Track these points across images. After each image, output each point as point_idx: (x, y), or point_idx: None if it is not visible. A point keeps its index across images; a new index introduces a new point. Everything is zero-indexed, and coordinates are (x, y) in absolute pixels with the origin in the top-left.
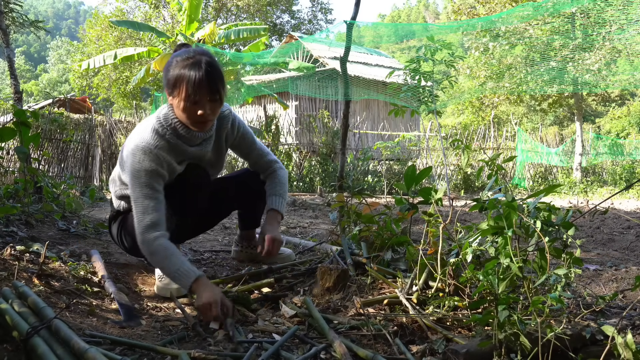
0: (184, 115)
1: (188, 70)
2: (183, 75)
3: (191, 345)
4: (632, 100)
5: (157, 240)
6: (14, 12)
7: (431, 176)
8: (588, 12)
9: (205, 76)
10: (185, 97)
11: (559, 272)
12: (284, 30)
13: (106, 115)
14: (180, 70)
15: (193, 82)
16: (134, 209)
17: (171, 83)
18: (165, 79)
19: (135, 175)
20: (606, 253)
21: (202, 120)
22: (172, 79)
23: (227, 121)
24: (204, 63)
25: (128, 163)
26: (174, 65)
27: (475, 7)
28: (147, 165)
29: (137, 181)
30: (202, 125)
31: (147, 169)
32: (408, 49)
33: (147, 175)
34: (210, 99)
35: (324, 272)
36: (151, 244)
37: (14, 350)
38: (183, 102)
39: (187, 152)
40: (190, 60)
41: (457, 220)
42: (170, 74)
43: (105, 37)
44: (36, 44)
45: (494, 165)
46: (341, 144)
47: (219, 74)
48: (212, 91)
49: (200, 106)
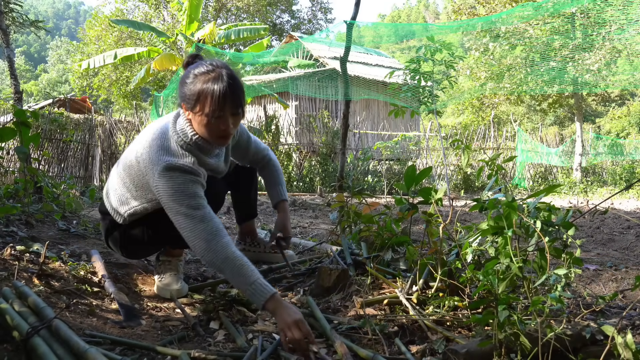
0: (204, 130)
1: (211, 84)
2: (206, 90)
3: (191, 345)
4: (632, 100)
5: (228, 247)
6: (14, 12)
7: (431, 176)
8: (588, 12)
9: (230, 91)
10: (209, 112)
11: (559, 272)
12: (284, 30)
13: (106, 115)
14: (202, 85)
15: (217, 98)
16: (184, 226)
17: (192, 98)
18: (183, 93)
19: (178, 193)
20: (606, 253)
21: (224, 135)
22: (193, 94)
23: None
24: (225, 77)
25: (164, 186)
26: (194, 80)
27: (475, 7)
28: (188, 185)
29: (180, 198)
30: (224, 140)
31: (188, 187)
32: (408, 49)
33: (193, 191)
34: (233, 114)
35: (324, 272)
36: (220, 253)
37: (14, 350)
38: (206, 118)
39: (207, 164)
40: (211, 74)
41: (457, 220)
42: (191, 88)
43: (105, 37)
44: (36, 44)
45: (494, 165)
46: (341, 144)
47: (240, 88)
48: (236, 105)
49: (224, 121)
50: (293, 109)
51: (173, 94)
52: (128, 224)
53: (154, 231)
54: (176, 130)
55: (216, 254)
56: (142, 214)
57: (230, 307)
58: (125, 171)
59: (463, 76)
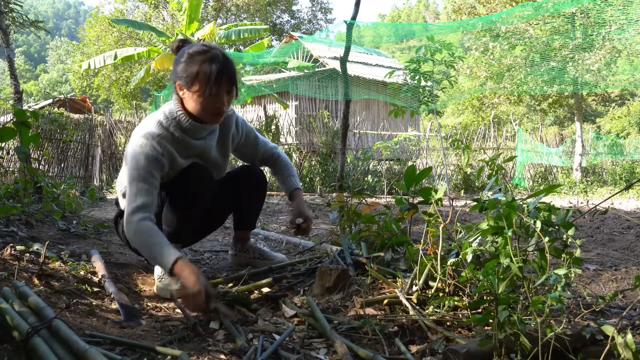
0: (199, 107)
1: (208, 64)
2: (202, 69)
3: (191, 345)
4: (632, 100)
5: (143, 221)
6: (14, 12)
7: (431, 176)
8: (588, 12)
9: (225, 70)
10: (206, 90)
11: (559, 272)
12: (284, 30)
13: (106, 115)
14: (199, 64)
15: (214, 76)
16: (128, 191)
17: (189, 77)
18: (179, 73)
19: (134, 159)
20: (606, 253)
21: (219, 112)
22: (190, 73)
23: (232, 121)
24: (221, 57)
25: (129, 150)
26: (189, 60)
27: (475, 7)
28: (146, 150)
29: (135, 164)
30: (218, 118)
31: (147, 154)
32: (408, 49)
33: (146, 159)
34: (228, 92)
35: (324, 272)
36: (135, 224)
37: (14, 350)
38: (202, 96)
39: (191, 145)
40: (207, 54)
41: (457, 220)
42: (187, 68)
43: (105, 37)
44: (36, 44)
45: (494, 165)
46: (341, 144)
47: (234, 68)
48: (230, 84)
49: (219, 99)
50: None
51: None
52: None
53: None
54: (164, 110)
55: (133, 225)
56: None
57: (230, 307)
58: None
59: (463, 76)
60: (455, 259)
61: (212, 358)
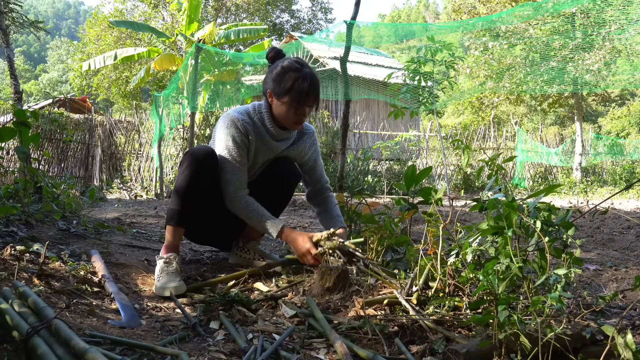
0: (284, 115)
1: (300, 82)
2: (295, 86)
3: (191, 345)
4: (632, 100)
5: (247, 197)
6: (14, 12)
7: (431, 176)
8: (588, 12)
9: (312, 89)
10: (294, 104)
11: (559, 272)
12: (284, 30)
13: (106, 115)
14: (292, 81)
15: (304, 94)
16: (222, 167)
17: (283, 90)
18: (274, 83)
19: (224, 138)
20: (606, 253)
21: (299, 122)
22: (285, 86)
23: (310, 137)
24: (309, 77)
25: (218, 128)
26: (283, 73)
27: (475, 7)
28: (233, 132)
29: (225, 143)
30: (297, 126)
31: (234, 135)
32: (408, 49)
33: (234, 140)
34: (309, 106)
35: (324, 272)
36: (241, 200)
37: (14, 350)
38: (289, 108)
39: (267, 142)
40: (299, 72)
41: (457, 220)
42: (280, 81)
43: (105, 37)
44: (36, 44)
45: (494, 165)
46: (341, 144)
47: (319, 86)
48: (314, 101)
49: (302, 112)
50: None
51: (173, 93)
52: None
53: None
54: (253, 105)
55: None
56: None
57: (230, 307)
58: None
59: (463, 76)
60: (455, 259)
61: (212, 358)
